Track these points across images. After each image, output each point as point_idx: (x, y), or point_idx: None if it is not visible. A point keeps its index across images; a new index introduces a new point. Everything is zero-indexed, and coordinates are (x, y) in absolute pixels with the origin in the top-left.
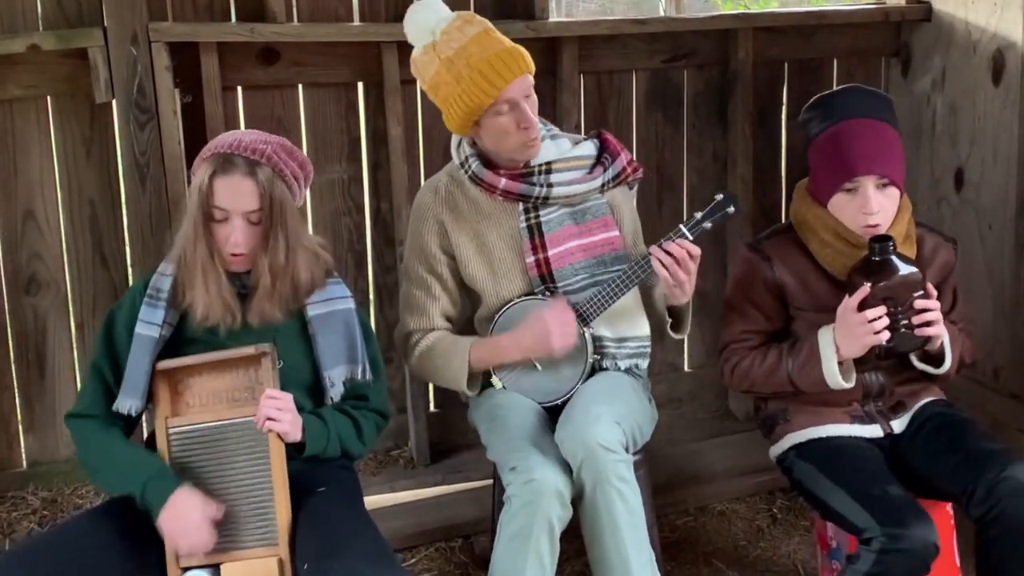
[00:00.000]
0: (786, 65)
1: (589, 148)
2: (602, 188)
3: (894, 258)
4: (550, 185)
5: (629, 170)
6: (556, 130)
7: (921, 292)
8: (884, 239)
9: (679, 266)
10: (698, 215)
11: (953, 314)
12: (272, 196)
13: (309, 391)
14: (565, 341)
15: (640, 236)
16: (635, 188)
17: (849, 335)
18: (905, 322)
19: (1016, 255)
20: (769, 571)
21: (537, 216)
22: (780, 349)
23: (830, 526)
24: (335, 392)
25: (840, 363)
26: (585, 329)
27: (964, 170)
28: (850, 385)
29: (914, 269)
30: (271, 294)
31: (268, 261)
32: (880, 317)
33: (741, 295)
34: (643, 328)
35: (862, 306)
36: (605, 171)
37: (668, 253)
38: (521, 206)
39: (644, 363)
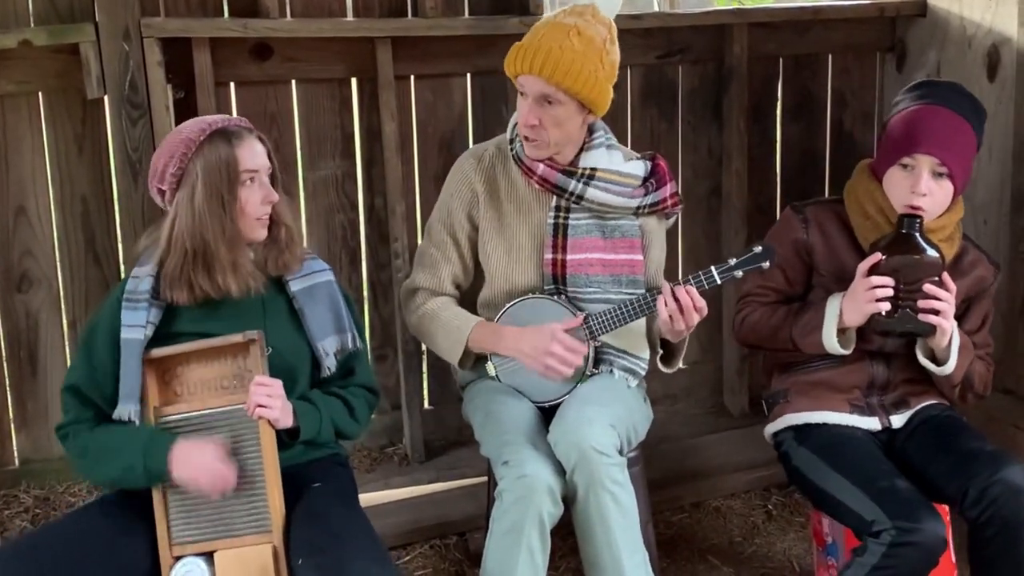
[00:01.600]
0: (781, 61)
1: (639, 168)
2: (637, 211)
3: (917, 236)
4: (587, 185)
5: (669, 202)
6: (615, 141)
7: (936, 279)
8: (913, 216)
9: (681, 314)
10: (732, 261)
11: (976, 337)
12: (272, 159)
13: (308, 368)
14: (558, 370)
15: (662, 267)
16: (671, 220)
17: (852, 298)
18: (910, 302)
19: (1011, 250)
20: (764, 567)
21: (567, 217)
22: (789, 308)
23: (826, 522)
24: (329, 363)
25: (843, 331)
26: (590, 341)
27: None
28: (846, 352)
29: (934, 253)
30: (291, 245)
31: (282, 215)
32: (884, 287)
33: None
34: (643, 349)
35: (872, 273)
36: (646, 195)
37: (676, 299)
38: (554, 201)
39: (634, 381)
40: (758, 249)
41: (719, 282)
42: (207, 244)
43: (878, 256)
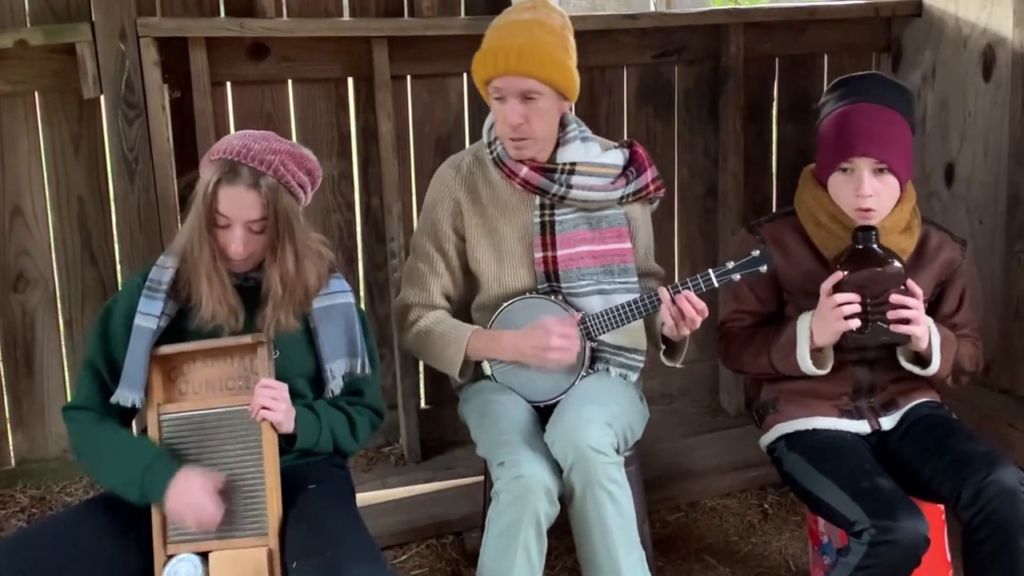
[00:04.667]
0: (777, 60)
1: (617, 157)
2: (621, 200)
3: (874, 248)
4: (570, 186)
5: (652, 187)
6: (589, 132)
7: (901, 287)
8: (867, 228)
9: (683, 320)
10: (730, 264)
11: (957, 317)
12: (276, 208)
13: (311, 383)
14: (562, 360)
15: (652, 250)
16: (655, 204)
17: (820, 319)
18: (879, 315)
19: (1006, 250)
20: (760, 566)
21: (552, 214)
22: (766, 332)
23: (821, 521)
24: (335, 385)
25: (819, 350)
26: (587, 342)
27: (955, 165)
28: (822, 372)
29: (896, 264)
30: (284, 303)
31: (279, 271)
32: (851, 304)
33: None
34: (640, 343)
35: (837, 291)
36: (628, 184)
37: (676, 305)
38: (538, 200)
39: (633, 376)
40: (756, 253)
41: (716, 285)
42: (190, 255)
43: (840, 274)
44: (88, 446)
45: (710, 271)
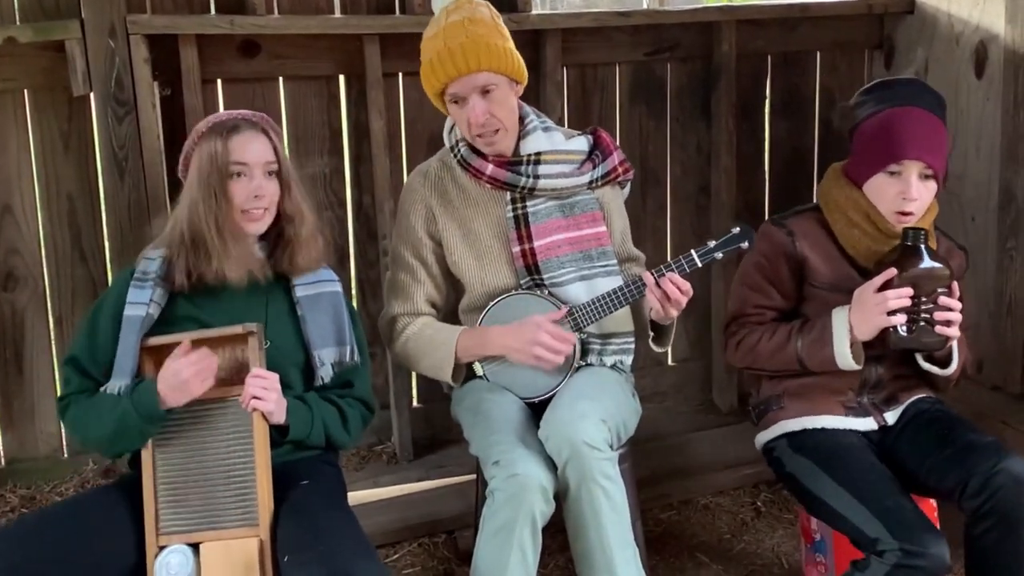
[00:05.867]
0: (769, 58)
1: (582, 143)
2: (591, 184)
3: (923, 248)
4: (537, 176)
5: (620, 170)
6: (550, 123)
7: (946, 290)
8: (919, 229)
9: (669, 302)
10: (711, 243)
11: None
12: (278, 153)
13: (301, 373)
14: (550, 361)
15: (628, 235)
16: (626, 188)
17: (864, 313)
18: (927, 315)
19: (999, 247)
20: (753, 564)
21: (524, 207)
22: (790, 327)
23: (814, 520)
24: (324, 372)
25: (852, 344)
26: (576, 334)
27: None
28: (859, 367)
29: (945, 266)
30: (309, 243)
31: (294, 212)
32: (901, 299)
33: (758, 270)
34: (627, 325)
35: (884, 289)
36: (595, 168)
37: (660, 288)
38: (508, 195)
39: (628, 359)
40: (736, 230)
41: (699, 265)
42: (201, 233)
43: (892, 272)
44: (81, 421)
45: (692, 252)
